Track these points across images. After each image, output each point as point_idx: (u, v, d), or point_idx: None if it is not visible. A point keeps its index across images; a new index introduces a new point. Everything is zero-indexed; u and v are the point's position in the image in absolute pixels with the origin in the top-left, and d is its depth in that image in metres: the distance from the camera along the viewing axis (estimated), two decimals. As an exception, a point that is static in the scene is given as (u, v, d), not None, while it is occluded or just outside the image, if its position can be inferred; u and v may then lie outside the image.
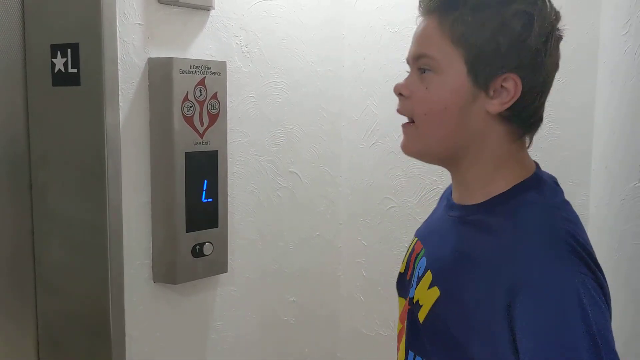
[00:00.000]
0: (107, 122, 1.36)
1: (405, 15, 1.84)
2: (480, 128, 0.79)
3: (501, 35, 0.75)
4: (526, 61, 0.77)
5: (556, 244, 0.71)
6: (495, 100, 0.77)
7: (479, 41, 0.76)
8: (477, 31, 0.76)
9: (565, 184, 1.61)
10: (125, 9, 1.39)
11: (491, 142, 0.80)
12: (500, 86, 0.78)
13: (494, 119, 0.78)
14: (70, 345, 1.48)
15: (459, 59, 0.77)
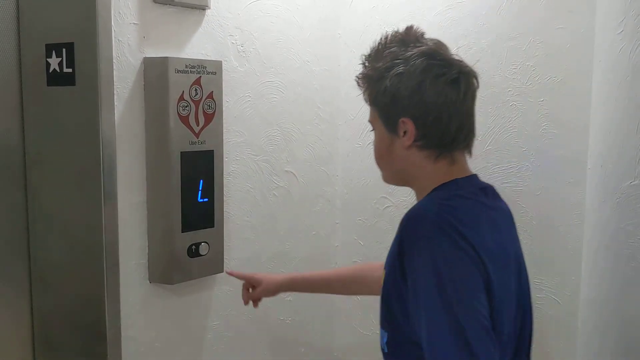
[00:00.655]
0: (103, 121, 1.36)
1: (401, 15, 1.84)
2: (406, 159, 1.06)
3: (386, 95, 1.04)
4: (408, 106, 1.03)
5: (422, 217, 0.98)
6: (405, 138, 1.04)
7: (378, 101, 1.06)
8: (377, 94, 1.05)
9: (561, 183, 1.62)
10: (121, 8, 1.38)
11: (418, 165, 1.06)
12: (402, 128, 1.04)
13: (411, 149, 1.05)
14: (66, 346, 1.48)
15: (377, 117, 1.08)
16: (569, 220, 1.61)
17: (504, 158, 1.69)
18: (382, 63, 1.05)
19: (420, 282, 0.94)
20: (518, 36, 1.65)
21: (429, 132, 1.03)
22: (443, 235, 0.94)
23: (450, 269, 0.93)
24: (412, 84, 1.02)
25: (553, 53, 1.61)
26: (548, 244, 1.65)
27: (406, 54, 1.04)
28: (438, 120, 1.03)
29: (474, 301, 0.92)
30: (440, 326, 0.91)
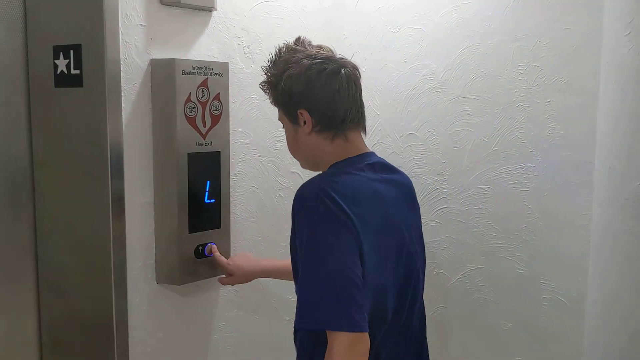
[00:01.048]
0: (110, 123, 1.36)
1: (406, 16, 1.84)
2: (310, 144, 1.26)
3: (283, 93, 1.25)
4: (301, 99, 1.23)
5: (306, 193, 1.16)
6: (305, 126, 1.25)
7: (279, 100, 1.28)
8: (277, 96, 1.27)
9: (567, 184, 1.62)
10: (128, 10, 1.39)
11: (320, 147, 1.25)
12: (301, 119, 1.25)
13: (312, 135, 1.25)
14: (73, 346, 1.48)
15: (282, 114, 1.29)
16: (575, 221, 1.61)
17: (510, 159, 1.69)
18: (277, 70, 1.27)
19: (302, 243, 1.13)
20: (524, 37, 1.65)
21: (322, 118, 1.23)
22: (321, 205, 1.12)
23: (325, 233, 1.11)
24: (301, 81, 1.23)
25: (559, 54, 1.61)
26: (554, 244, 1.65)
27: (295, 57, 1.25)
28: (327, 107, 1.23)
29: (345, 259, 1.09)
30: (311, 278, 1.10)
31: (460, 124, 1.77)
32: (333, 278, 1.08)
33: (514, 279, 1.71)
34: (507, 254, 1.72)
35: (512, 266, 1.71)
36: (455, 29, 1.76)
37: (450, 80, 1.76)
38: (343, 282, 1.08)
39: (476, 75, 1.73)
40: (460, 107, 1.77)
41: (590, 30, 1.55)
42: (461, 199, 1.77)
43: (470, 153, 1.75)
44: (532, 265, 1.68)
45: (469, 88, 1.75)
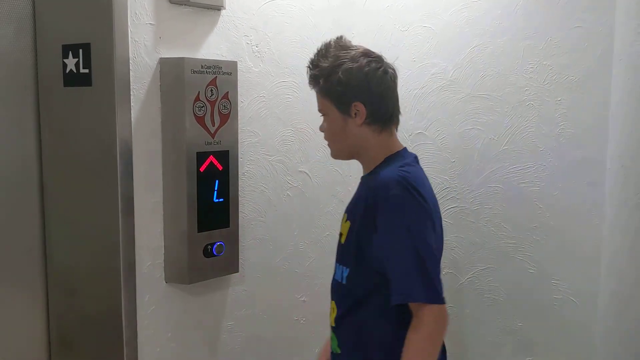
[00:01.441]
0: (119, 122, 1.36)
1: (415, 15, 1.83)
2: (359, 134, 1.37)
3: (340, 85, 1.34)
4: (359, 93, 1.33)
5: (388, 183, 1.28)
6: (357, 118, 1.35)
7: (332, 91, 1.35)
8: (330, 86, 1.35)
9: (579, 183, 1.60)
10: (137, 9, 1.39)
11: (368, 138, 1.37)
12: (354, 110, 1.35)
13: (362, 126, 1.36)
14: (82, 345, 1.48)
15: (331, 105, 1.37)
16: (587, 220, 1.59)
17: (521, 158, 1.68)
18: (328, 63, 1.36)
19: (394, 228, 1.26)
20: (535, 35, 1.64)
21: (375, 111, 1.35)
22: (406, 192, 1.26)
23: (412, 216, 1.26)
24: (360, 76, 1.34)
25: (570, 52, 1.59)
26: (566, 244, 1.63)
27: (349, 54, 1.36)
28: (380, 102, 1.36)
29: (429, 239, 1.26)
30: (408, 257, 1.24)
31: (470, 123, 1.76)
32: (422, 257, 1.23)
33: (525, 278, 1.70)
34: (518, 254, 1.70)
35: (522, 266, 1.69)
36: (464, 28, 1.75)
37: (459, 79, 1.75)
38: (432, 260, 1.25)
39: (486, 73, 1.72)
40: (470, 105, 1.75)
41: (602, 27, 1.54)
42: (471, 198, 1.76)
43: (480, 152, 1.74)
44: (543, 265, 1.67)
45: (479, 87, 1.74)
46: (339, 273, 1.41)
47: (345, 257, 1.39)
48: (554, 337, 1.67)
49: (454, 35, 1.77)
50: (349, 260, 1.37)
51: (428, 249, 1.26)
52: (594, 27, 1.55)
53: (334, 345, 1.42)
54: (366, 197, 1.32)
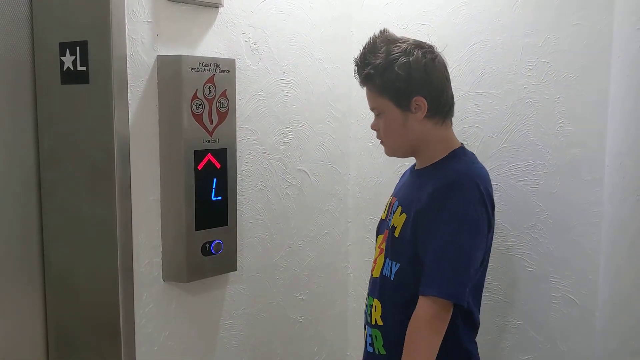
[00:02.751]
0: (116, 120, 1.36)
1: (413, 12, 1.83)
2: (420, 129, 1.36)
3: (398, 81, 1.31)
4: (420, 86, 1.32)
5: (463, 180, 1.30)
6: (418, 113, 1.34)
7: (390, 87, 1.33)
8: (388, 83, 1.32)
9: (578, 181, 1.60)
10: (134, 6, 1.38)
11: (430, 131, 1.36)
12: (415, 105, 1.34)
13: (424, 120, 1.35)
14: (80, 344, 1.48)
15: (389, 102, 1.34)
16: (586, 218, 1.59)
17: (520, 156, 1.68)
18: (380, 60, 1.32)
19: (453, 222, 1.26)
20: (534, 33, 1.63)
21: (436, 104, 1.34)
22: (478, 194, 1.28)
23: (473, 217, 1.28)
24: (420, 68, 1.31)
25: (569, 50, 1.59)
26: (564, 242, 1.63)
27: (401, 47, 1.32)
28: (440, 93, 1.35)
29: (477, 244, 1.28)
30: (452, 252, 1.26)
31: (469, 121, 1.75)
32: (464, 258, 1.27)
33: (524, 277, 1.69)
34: (517, 252, 1.70)
35: (521, 264, 1.69)
36: (463, 25, 1.74)
37: (458, 76, 1.74)
38: (472, 266, 1.28)
39: (485, 71, 1.72)
40: (469, 103, 1.75)
41: (601, 25, 1.53)
42: (470, 197, 1.75)
43: (479, 150, 1.73)
44: (542, 263, 1.67)
45: (478, 84, 1.73)
46: (387, 268, 1.38)
47: (398, 251, 1.36)
48: (553, 335, 1.66)
49: (453, 32, 1.76)
50: (401, 255, 1.35)
51: (473, 250, 1.27)
52: (592, 25, 1.55)
53: (377, 345, 1.38)
54: (434, 189, 1.30)
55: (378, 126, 1.39)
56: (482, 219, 1.29)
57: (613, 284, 1.49)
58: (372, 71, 1.32)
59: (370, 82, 1.34)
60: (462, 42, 1.75)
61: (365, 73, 1.34)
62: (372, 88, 1.35)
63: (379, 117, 1.38)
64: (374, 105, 1.37)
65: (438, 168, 1.35)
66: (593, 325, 1.59)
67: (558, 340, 1.66)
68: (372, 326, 1.40)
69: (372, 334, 1.40)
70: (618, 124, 1.46)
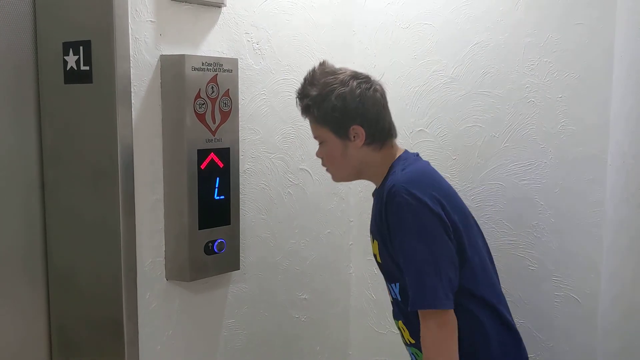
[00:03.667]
0: (120, 119, 1.36)
1: (415, 12, 1.83)
2: (360, 155, 1.39)
3: (335, 111, 1.35)
4: (356, 115, 1.36)
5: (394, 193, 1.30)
6: (357, 140, 1.38)
7: (328, 118, 1.37)
8: (326, 113, 1.37)
9: (579, 180, 1.60)
10: (137, 6, 1.38)
11: (369, 158, 1.40)
12: (353, 134, 1.37)
13: (362, 148, 1.38)
14: (83, 343, 1.48)
15: (329, 132, 1.38)
16: (588, 217, 1.59)
17: (522, 155, 1.68)
18: (318, 91, 1.37)
19: (398, 234, 1.30)
20: (535, 32, 1.64)
21: (373, 131, 1.38)
22: (409, 198, 1.28)
23: (415, 222, 1.28)
24: (355, 98, 1.35)
25: (571, 49, 1.59)
26: (567, 241, 1.63)
27: (338, 78, 1.37)
28: (377, 121, 1.38)
29: (432, 243, 1.28)
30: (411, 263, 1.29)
31: (471, 120, 1.76)
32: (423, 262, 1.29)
33: (526, 276, 1.70)
34: (519, 251, 1.70)
35: (523, 263, 1.69)
36: (465, 25, 1.75)
37: (460, 76, 1.74)
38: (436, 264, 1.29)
39: (487, 71, 1.72)
40: (471, 103, 1.75)
41: (603, 24, 1.53)
42: (472, 196, 1.76)
43: (481, 149, 1.74)
44: (544, 263, 1.67)
45: (480, 84, 1.73)
46: (393, 291, 1.41)
47: (389, 273, 1.39)
48: (556, 334, 1.67)
49: (455, 32, 1.76)
50: (393, 276, 1.38)
51: (433, 254, 1.26)
52: (595, 24, 1.55)
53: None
54: (378, 211, 1.34)
55: (322, 154, 1.43)
56: (427, 220, 1.28)
57: (615, 282, 1.49)
58: (310, 102, 1.37)
59: (309, 113, 1.39)
60: (464, 42, 1.75)
61: (304, 104, 1.39)
62: (311, 119, 1.40)
63: (321, 146, 1.42)
64: (316, 134, 1.42)
65: (381, 187, 1.39)
66: (595, 324, 1.59)
67: (560, 339, 1.66)
68: (409, 345, 1.43)
69: (413, 352, 1.44)
70: (620, 123, 1.47)
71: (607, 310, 1.54)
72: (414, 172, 1.35)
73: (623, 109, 1.45)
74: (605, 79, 1.54)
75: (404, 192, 1.28)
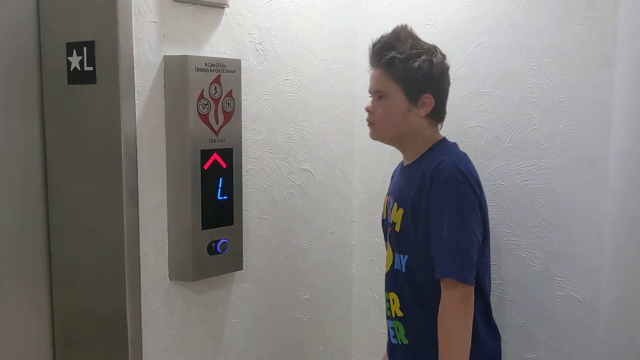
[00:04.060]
0: (123, 120, 1.37)
1: (418, 12, 1.83)
2: (416, 124, 1.43)
3: (419, 74, 1.38)
4: (434, 86, 1.41)
5: (446, 167, 1.36)
6: (422, 109, 1.42)
7: (408, 77, 1.39)
8: (407, 73, 1.38)
9: (582, 181, 1.60)
10: (141, 7, 1.39)
11: (421, 130, 1.44)
12: (422, 101, 1.41)
13: (423, 118, 1.42)
14: (86, 343, 1.48)
15: (399, 91, 1.40)
16: (590, 217, 1.59)
17: (524, 155, 1.68)
18: (408, 48, 1.38)
19: (444, 207, 1.33)
20: (538, 33, 1.64)
21: (439, 107, 1.43)
22: (460, 176, 1.34)
23: (463, 199, 1.34)
24: (439, 70, 1.40)
25: (573, 49, 1.59)
26: (569, 241, 1.63)
27: (424, 46, 1.41)
28: (445, 99, 1.44)
29: (472, 224, 1.35)
30: (450, 235, 1.32)
31: (474, 121, 1.76)
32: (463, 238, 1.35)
33: (528, 276, 1.70)
34: (521, 251, 1.71)
35: (526, 263, 1.70)
36: (467, 25, 1.75)
37: (463, 76, 1.75)
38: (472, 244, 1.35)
39: (489, 71, 1.72)
40: (473, 103, 1.75)
41: (605, 24, 1.54)
42: (474, 196, 1.76)
43: (484, 150, 1.74)
44: (546, 263, 1.67)
45: (482, 84, 1.74)
46: (397, 262, 1.44)
47: (403, 244, 1.42)
48: (558, 334, 1.67)
49: (457, 32, 1.77)
50: (407, 247, 1.41)
51: (471, 233, 1.33)
52: (597, 24, 1.55)
53: (400, 336, 1.44)
54: (421, 181, 1.37)
55: (377, 109, 1.43)
56: (470, 198, 1.35)
57: (617, 282, 1.49)
58: (398, 56, 1.37)
59: (391, 66, 1.38)
60: (466, 42, 1.75)
61: (390, 56, 1.38)
62: (389, 72, 1.39)
63: (379, 100, 1.42)
64: (382, 88, 1.41)
65: (422, 160, 1.43)
66: (597, 324, 1.59)
67: (563, 339, 1.66)
68: (394, 319, 1.46)
69: (394, 326, 1.47)
70: (623, 123, 1.47)
71: (609, 311, 1.54)
72: (462, 155, 1.43)
73: (625, 109, 1.45)
74: (607, 79, 1.54)
75: (454, 168, 1.34)
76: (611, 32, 1.53)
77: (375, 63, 1.43)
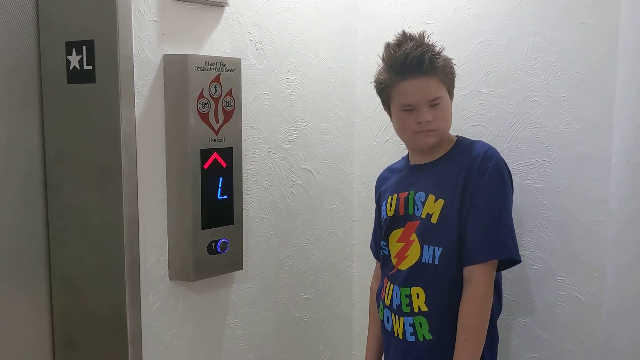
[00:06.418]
0: (123, 119, 1.36)
1: (418, 11, 1.83)
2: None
3: (453, 75, 1.52)
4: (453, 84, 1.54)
5: (493, 153, 1.47)
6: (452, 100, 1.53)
7: (452, 80, 1.51)
8: (449, 76, 1.50)
9: (584, 179, 1.60)
10: (140, 5, 1.38)
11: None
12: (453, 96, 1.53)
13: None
14: (86, 343, 1.48)
15: (446, 92, 1.49)
16: (592, 216, 1.59)
17: (526, 154, 1.68)
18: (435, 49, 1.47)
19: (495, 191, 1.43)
20: (539, 31, 1.63)
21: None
22: (504, 164, 1.47)
23: (508, 186, 1.46)
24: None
25: (575, 48, 1.59)
26: (570, 241, 1.63)
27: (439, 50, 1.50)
28: None
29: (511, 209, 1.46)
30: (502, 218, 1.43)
31: (474, 119, 1.75)
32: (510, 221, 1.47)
33: (530, 275, 1.69)
34: (522, 250, 1.70)
35: (527, 262, 1.69)
36: (469, 24, 1.74)
37: (464, 75, 1.74)
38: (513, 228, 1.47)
39: (490, 70, 1.72)
40: (474, 102, 1.75)
41: (608, 23, 1.53)
42: (475, 195, 1.75)
43: (484, 149, 1.73)
44: (548, 262, 1.66)
45: (483, 83, 1.73)
46: (428, 255, 1.45)
47: (440, 236, 1.44)
48: (560, 333, 1.66)
49: (458, 31, 1.76)
50: (443, 239, 1.44)
51: (511, 215, 1.45)
52: (598, 23, 1.55)
53: (422, 332, 1.45)
54: (466, 170, 1.44)
55: (436, 115, 1.46)
56: (510, 186, 1.47)
57: (619, 282, 1.49)
58: (443, 62, 1.46)
59: (442, 72, 1.45)
60: (467, 41, 1.74)
61: (440, 63, 1.45)
62: (438, 76, 1.45)
63: (434, 107, 1.46)
64: (439, 94, 1.46)
65: (455, 154, 1.50)
66: (599, 324, 1.59)
67: (564, 339, 1.66)
68: (415, 314, 1.45)
69: (414, 323, 1.46)
70: (625, 121, 1.46)
71: (611, 310, 1.54)
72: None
73: (627, 107, 1.45)
74: (608, 77, 1.53)
75: (500, 157, 1.45)
76: (613, 30, 1.52)
77: (420, 71, 1.43)
